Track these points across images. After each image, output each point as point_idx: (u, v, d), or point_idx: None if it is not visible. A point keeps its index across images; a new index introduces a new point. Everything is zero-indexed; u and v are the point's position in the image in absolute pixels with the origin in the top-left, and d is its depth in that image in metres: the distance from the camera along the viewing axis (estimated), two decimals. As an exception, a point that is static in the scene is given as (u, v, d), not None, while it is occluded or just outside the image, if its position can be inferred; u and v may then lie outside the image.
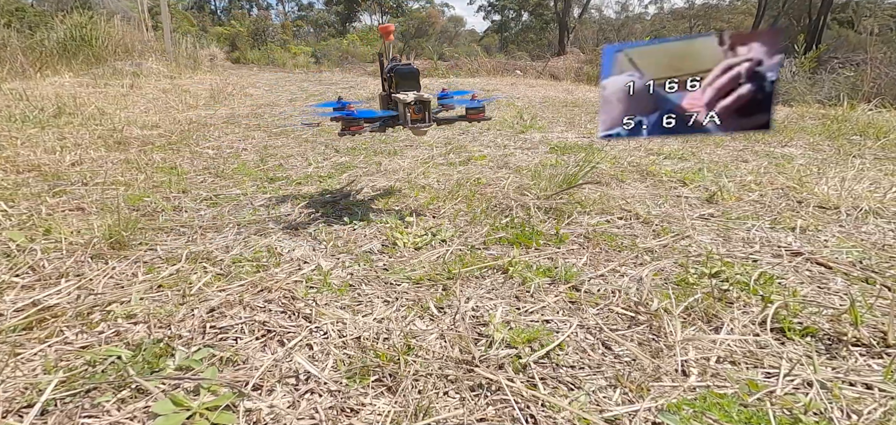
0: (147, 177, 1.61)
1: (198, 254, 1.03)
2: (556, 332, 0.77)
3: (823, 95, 4.30)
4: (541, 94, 4.48)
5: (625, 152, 1.97)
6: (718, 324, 0.78)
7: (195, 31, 15.60)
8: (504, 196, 1.42)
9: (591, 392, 0.64)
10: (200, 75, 5.73)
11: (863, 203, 1.30)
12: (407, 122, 1.20)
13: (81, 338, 0.74)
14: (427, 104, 1.20)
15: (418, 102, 1.18)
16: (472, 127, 2.64)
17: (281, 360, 0.70)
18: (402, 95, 1.20)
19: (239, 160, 1.91)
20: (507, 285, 0.92)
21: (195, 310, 0.81)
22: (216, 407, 0.59)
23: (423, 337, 0.76)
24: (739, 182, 1.55)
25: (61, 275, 0.92)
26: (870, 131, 2.27)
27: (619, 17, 27.22)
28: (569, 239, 1.13)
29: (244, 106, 3.55)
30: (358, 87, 5.34)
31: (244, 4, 28.56)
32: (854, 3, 17.13)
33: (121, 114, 2.75)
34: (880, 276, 0.93)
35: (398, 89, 1.25)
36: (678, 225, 1.21)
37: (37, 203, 1.31)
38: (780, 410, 0.60)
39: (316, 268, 0.98)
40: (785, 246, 1.08)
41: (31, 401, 0.60)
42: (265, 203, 1.40)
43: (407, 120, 1.19)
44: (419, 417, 0.59)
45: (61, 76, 4.23)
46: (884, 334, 0.74)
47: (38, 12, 11.84)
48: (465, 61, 9.96)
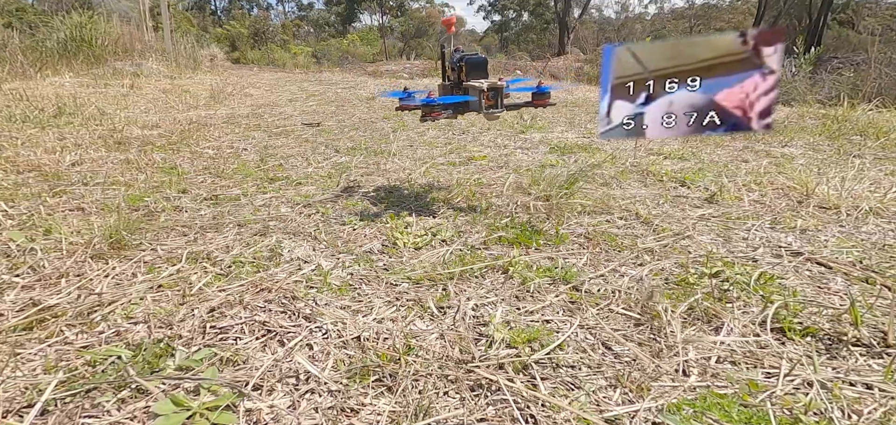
0: (147, 178, 1.61)
1: (198, 254, 1.03)
2: (556, 332, 0.77)
3: (824, 95, 4.30)
4: (541, 94, 4.47)
5: (625, 152, 1.97)
6: (718, 324, 0.78)
7: (195, 31, 15.60)
8: (505, 196, 1.42)
9: (591, 392, 0.64)
10: (200, 75, 5.73)
11: (863, 203, 1.30)
12: (481, 108, 1.25)
13: (81, 338, 0.74)
14: (500, 91, 1.25)
15: (492, 89, 1.23)
16: (472, 127, 2.64)
17: (281, 360, 0.70)
18: (476, 83, 1.26)
19: (239, 160, 1.91)
20: (507, 285, 0.92)
21: (195, 310, 0.81)
22: (216, 407, 0.59)
23: (424, 338, 0.76)
24: (739, 182, 1.55)
25: (61, 275, 0.92)
26: (870, 131, 2.27)
27: (619, 17, 27.22)
28: (569, 239, 1.13)
29: (244, 106, 3.55)
30: (358, 86, 5.34)
31: (244, 5, 28.57)
32: (854, 3, 17.13)
33: (121, 115, 2.75)
34: (880, 276, 0.93)
35: (469, 78, 1.31)
36: (678, 225, 1.21)
37: (37, 203, 1.31)
38: (781, 410, 0.60)
39: (316, 268, 0.98)
40: (785, 246, 1.08)
41: (31, 401, 0.60)
42: (265, 203, 1.40)
43: (481, 106, 1.24)
44: (419, 417, 0.59)
45: (61, 76, 4.23)
46: (884, 334, 0.74)
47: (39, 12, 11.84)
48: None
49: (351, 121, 2.95)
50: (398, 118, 2.97)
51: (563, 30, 20.86)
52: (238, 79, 6.11)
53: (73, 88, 3.59)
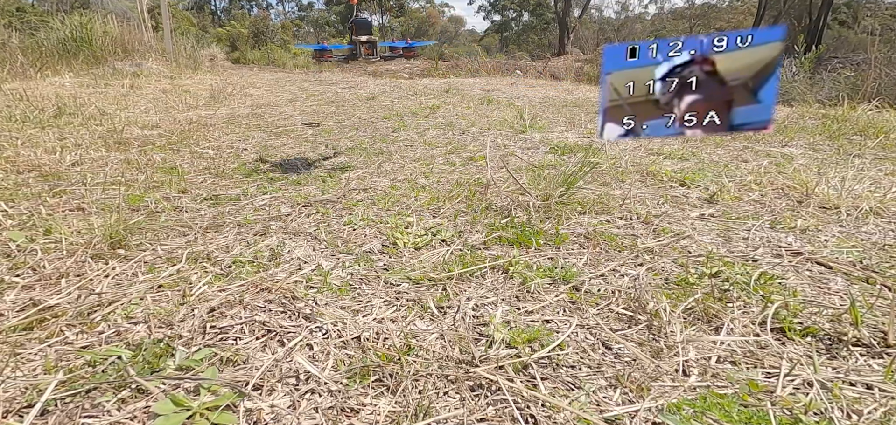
0: (147, 178, 1.61)
1: (198, 254, 1.03)
2: (556, 332, 0.77)
3: (823, 95, 4.30)
4: (541, 93, 4.48)
5: (625, 152, 1.97)
6: (719, 324, 0.78)
7: (195, 31, 15.60)
8: (505, 196, 1.42)
9: (591, 392, 0.64)
10: (200, 75, 5.73)
11: (863, 203, 1.30)
12: (360, 55, 2.38)
13: (82, 338, 0.74)
14: (375, 44, 2.53)
15: (369, 42, 2.53)
16: (473, 127, 2.64)
17: (281, 360, 0.70)
18: (362, 38, 2.08)
19: (239, 160, 1.91)
20: (507, 285, 0.92)
21: (195, 310, 0.81)
22: (216, 407, 0.59)
23: (424, 338, 0.76)
24: (739, 182, 1.55)
25: (61, 276, 0.92)
26: (870, 131, 2.27)
27: (619, 17, 27.21)
28: (569, 239, 1.13)
29: (244, 106, 3.55)
30: (358, 86, 5.33)
31: (244, 4, 28.56)
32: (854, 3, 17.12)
33: (121, 115, 2.75)
34: (880, 276, 0.93)
35: (356, 34, 2.27)
36: (678, 225, 1.21)
37: (37, 203, 1.31)
38: (781, 410, 0.60)
39: (316, 268, 0.98)
40: (785, 246, 1.08)
41: (31, 401, 0.60)
42: (266, 203, 1.40)
43: (360, 53, 2.36)
44: (419, 417, 0.59)
45: (61, 76, 4.23)
46: (884, 334, 0.74)
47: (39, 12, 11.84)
48: (465, 61, 9.96)
49: (351, 121, 2.95)
50: (398, 118, 2.97)
51: (563, 30, 20.86)
52: (238, 79, 6.11)
53: (73, 88, 3.59)
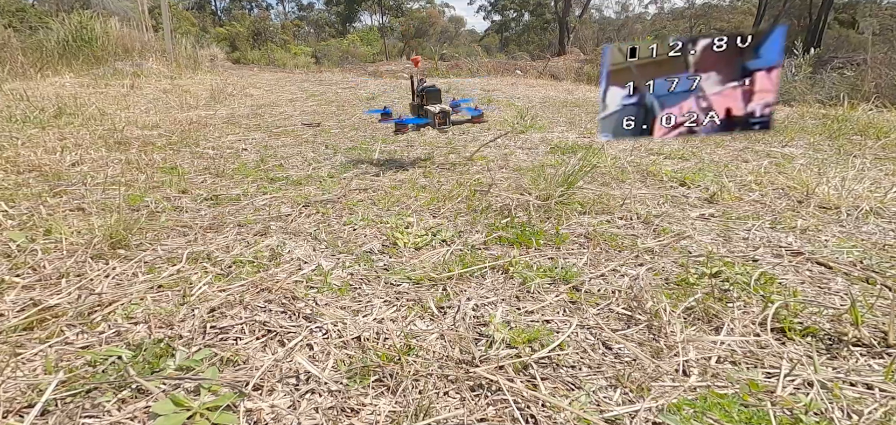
0: (147, 178, 1.61)
1: (198, 254, 1.03)
2: (556, 332, 0.77)
3: (824, 95, 4.30)
4: (541, 94, 4.48)
5: (625, 152, 1.97)
6: (719, 324, 0.78)
7: (195, 31, 15.61)
8: (504, 196, 1.42)
9: (591, 392, 0.64)
10: (201, 75, 5.73)
11: (863, 203, 1.30)
12: (435, 125, 1.75)
13: (82, 339, 0.74)
14: (448, 114, 1.76)
15: (441, 113, 1.75)
16: (472, 127, 2.64)
17: (281, 360, 0.70)
18: (432, 107, 1.78)
19: (239, 160, 1.91)
20: (507, 285, 0.92)
21: (196, 310, 0.81)
22: (217, 408, 0.59)
23: (424, 338, 0.76)
24: (740, 182, 1.55)
25: (62, 276, 0.92)
26: (870, 131, 2.27)
27: (619, 17, 27.23)
28: (569, 239, 1.13)
29: (244, 106, 3.55)
30: (358, 87, 5.34)
31: (244, 5, 28.57)
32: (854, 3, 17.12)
33: (121, 115, 2.75)
34: (881, 276, 0.93)
35: (427, 103, 1.83)
36: (678, 225, 1.21)
37: (37, 203, 1.31)
38: (781, 410, 0.60)
39: (316, 268, 0.98)
40: (785, 246, 1.08)
41: (31, 401, 0.60)
42: (266, 203, 1.40)
43: (435, 123, 1.75)
44: (419, 417, 0.59)
45: (62, 76, 4.23)
46: (884, 334, 0.74)
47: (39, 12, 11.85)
48: (466, 62, 9.97)
49: (351, 121, 2.95)
50: (398, 118, 2.97)
51: (563, 30, 20.87)
52: (238, 79, 6.11)
53: (74, 88, 3.59)
